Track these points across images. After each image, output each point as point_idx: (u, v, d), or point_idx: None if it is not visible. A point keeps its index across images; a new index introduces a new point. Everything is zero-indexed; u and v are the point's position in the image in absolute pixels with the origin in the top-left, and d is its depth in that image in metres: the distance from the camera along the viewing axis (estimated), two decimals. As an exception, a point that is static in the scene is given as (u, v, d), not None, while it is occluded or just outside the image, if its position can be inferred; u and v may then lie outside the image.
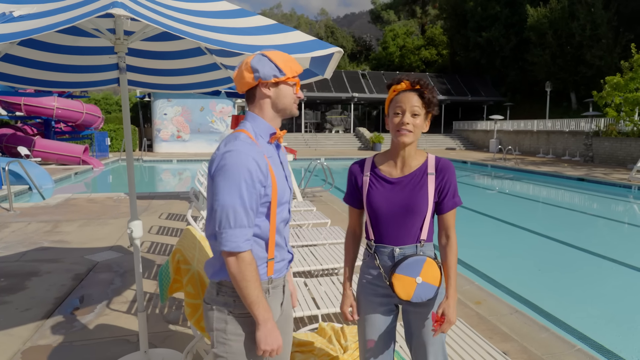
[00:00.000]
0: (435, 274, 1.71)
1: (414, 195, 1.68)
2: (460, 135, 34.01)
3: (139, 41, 3.17)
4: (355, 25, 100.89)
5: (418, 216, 1.68)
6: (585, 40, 27.69)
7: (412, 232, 1.70)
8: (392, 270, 1.69)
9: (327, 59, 2.27)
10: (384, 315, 1.78)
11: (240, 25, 2.09)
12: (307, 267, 3.90)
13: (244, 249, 1.39)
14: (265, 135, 1.52)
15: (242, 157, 1.37)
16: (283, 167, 1.58)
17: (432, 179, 1.69)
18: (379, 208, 1.71)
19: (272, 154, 1.52)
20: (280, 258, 1.56)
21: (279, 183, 1.49)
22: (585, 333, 3.97)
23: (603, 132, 20.30)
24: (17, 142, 15.87)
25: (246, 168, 1.37)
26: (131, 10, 1.37)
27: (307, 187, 10.74)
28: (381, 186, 1.73)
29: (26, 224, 6.99)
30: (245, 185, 1.37)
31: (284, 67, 1.48)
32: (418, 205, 1.67)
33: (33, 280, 4.46)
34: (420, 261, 1.69)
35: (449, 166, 1.72)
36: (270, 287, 1.54)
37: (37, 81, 3.07)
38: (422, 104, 1.65)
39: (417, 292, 1.69)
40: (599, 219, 9.15)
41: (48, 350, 3.07)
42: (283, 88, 1.51)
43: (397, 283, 1.68)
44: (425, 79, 1.68)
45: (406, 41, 44.70)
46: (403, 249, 1.71)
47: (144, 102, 29.50)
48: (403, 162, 1.73)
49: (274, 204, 1.47)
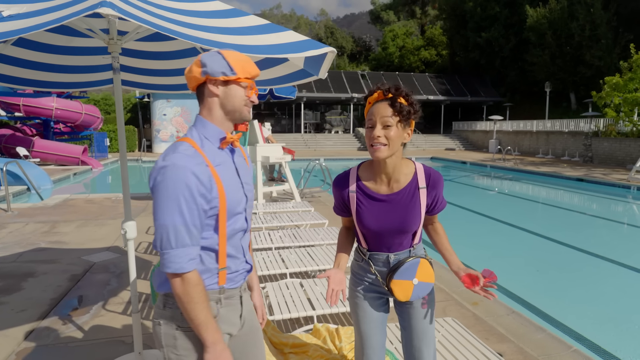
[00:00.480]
0: (429, 272, 1.75)
1: (407, 213, 1.66)
2: (459, 135, 34.01)
3: (135, 41, 3.16)
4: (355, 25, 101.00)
5: (411, 230, 1.70)
6: (584, 40, 27.70)
7: (405, 242, 1.73)
8: (390, 276, 1.71)
9: (321, 59, 2.26)
10: (378, 309, 1.82)
11: (233, 25, 2.09)
12: (304, 268, 3.89)
13: (188, 269, 1.31)
14: (214, 141, 1.42)
15: (179, 172, 1.28)
16: (239, 174, 1.48)
17: (424, 192, 1.67)
18: (370, 227, 1.69)
19: (222, 161, 1.42)
20: (234, 269, 1.48)
21: (229, 193, 1.40)
22: (582, 334, 3.96)
23: (602, 132, 20.29)
24: (16, 142, 15.86)
25: (184, 183, 1.28)
26: (119, 10, 1.37)
27: (305, 188, 10.73)
28: (369, 205, 1.68)
29: (24, 224, 6.98)
30: (185, 202, 1.28)
31: (235, 66, 1.39)
32: (411, 223, 1.67)
33: (29, 281, 4.45)
34: (415, 264, 1.71)
35: (439, 179, 1.70)
36: (222, 297, 1.46)
37: (32, 81, 3.06)
38: (394, 112, 1.55)
39: (415, 292, 1.72)
40: (597, 219, 9.14)
41: (42, 352, 3.06)
42: (233, 88, 1.41)
43: (396, 288, 1.70)
44: (403, 87, 1.59)
45: (406, 42, 44.73)
46: (398, 254, 1.74)
47: (143, 103, 29.50)
48: (390, 177, 1.66)
49: (222, 215, 1.38)
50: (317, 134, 33.88)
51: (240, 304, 1.54)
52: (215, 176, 1.36)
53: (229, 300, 1.49)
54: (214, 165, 1.38)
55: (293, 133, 34.07)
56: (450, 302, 3.96)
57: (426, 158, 24.71)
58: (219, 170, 1.39)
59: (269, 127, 11.43)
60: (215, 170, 1.37)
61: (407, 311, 1.81)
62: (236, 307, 1.53)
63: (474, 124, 32.22)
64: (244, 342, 1.60)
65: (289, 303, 3.12)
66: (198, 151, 1.35)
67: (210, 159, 1.37)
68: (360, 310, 1.81)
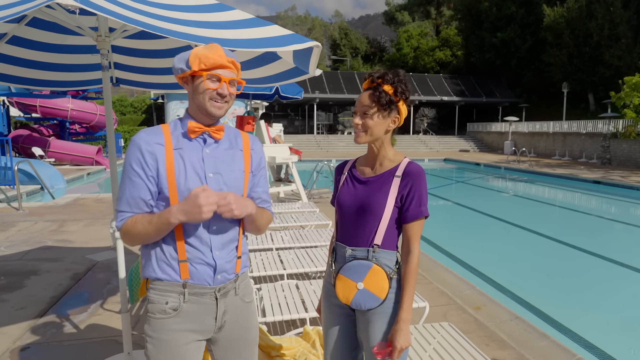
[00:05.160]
0: (381, 285, 1.56)
1: (374, 194, 1.60)
2: (474, 137, 33.56)
3: (130, 39, 3.15)
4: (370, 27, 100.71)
5: (373, 217, 1.58)
6: (603, 40, 27.06)
7: (365, 234, 1.60)
8: (337, 270, 1.62)
9: (308, 55, 2.20)
10: (341, 319, 1.70)
11: (217, 20, 2.04)
12: (302, 269, 3.83)
13: (119, 226, 1.44)
14: (185, 129, 1.46)
15: (130, 145, 1.41)
16: (204, 163, 1.45)
17: (397, 181, 1.59)
18: (342, 205, 1.66)
19: (184, 146, 1.44)
20: (198, 260, 1.44)
21: (180, 178, 1.41)
22: (592, 342, 3.81)
23: (621, 133, 19.76)
24: (33, 143, 16.18)
25: (130, 153, 1.41)
26: (82, 1, 1.33)
27: (314, 189, 10.68)
28: (352, 185, 1.69)
29: (33, 223, 7.07)
30: (127, 171, 1.41)
31: (192, 60, 1.37)
32: (374, 206, 1.58)
33: (32, 279, 4.48)
34: (366, 266, 1.57)
35: (417, 172, 1.58)
36: (186, 292, 1.44)
37: (27, 80, 3.07)
38: (372, 102, 1.56)
39: (356, 298, 1.58)
40: (615, 223, 8.87)
41: (36, 350, 3.06)
42: (197, 84, 1.41)
43: (339, 284, 1.61)
44: (396, 72, 1.57)
45: (420, 42, 44.36)
46: (355, 250, 1.61)
47: (157, 104, 29.86)
48: (376, 162, 1.67)
49: (173, 200, 1.40)
50: (330, 135, 33.82)
51: (215, 306, 1.50)
52: (167, 156, 1.41)
53: (197, 297, 1.46)
54: (174, 148, 1.43)
55: (306, 134, 34.06)
56: (451, 307, 3.85)
57: (439, 159, 24.42)
58: (176, 153, 1.43)
59: (280, 129, 11.42)
60: (172, 153, 1.42)
61: (362, 325, 1.64)
62: (208, 308, 1.49)
63: (488, 125, 31.75)
64: (226, 347, 1.57)
65: (282, 305, 3.06)
66: (163, 132, 1.44)
67: (173, 143, 1.44)
68: (324, 316, 1.75)
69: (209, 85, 1.39)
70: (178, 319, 1.44)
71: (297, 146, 25.23)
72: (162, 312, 1.44)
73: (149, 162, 1.39)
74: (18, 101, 16.43)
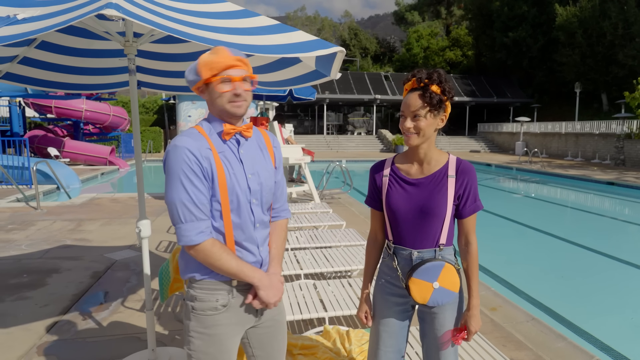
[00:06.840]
0: (454, 280, 1.66)
1: (433, 197, 1.62)
2: (485, 137, 33.35)
3: (153, 44, 3.22)
4: (380, 27, 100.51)
5: (437, 219, 1.63)
6: (617, 39, 26.72)
7: (430, 236, 1.65)
8: (409, 274, 1.65)
9: (331, 59, 2.25)
10: (399, 315, 1.76)
11: (243, 26, 2.09)
12: (319, 269, 3.88)
13: (197, 241, 1.40)
14: (218, 132, 1.50)
15: (178, 151, 1.39)
16: (243, 165, 1.50)
17: (452, 181, 1.63)
18: (397, 209, 1.67)
19: (225, 149, 1.48)
20: (249, 258, 1.52)
21: (230, 180, 1.45)
22: (608, 344, 3.81)
23: (635, 134, 19.52)
24: (48, 143, 16.46)
25: (183, 160, 1.38)
26: (124, 11, 1.39)
27: (325, 189, 10.72)
28: (400, 187, 1.69)
29: (51, 222, 7.21)
30: (186, 178, 1.38)
31: (200, 69, 1.42)
32: (437, 208, 1.62)
33: (53, 277, 4.59)
34: (439, 266, 1.64)
35: (469, 169, 1.65)
36: (234, 288, 1.51)
37: (53, 83, 3.16)
38: (423, 103, 1.58)
39: (433, 297, 1.65)
40: (629, 224, 8.78)
41: (62, 346, 3.15)
42: (212, 90, 1.44)
43: (414, 287, 1.64)
44: (439, 73, 1.59)
45: (430, 42, 44.17)
46: (421, 252, 1.67)
47: (169, 105, 30.12)
48: (422, 162, 1.68)
49: (224, 201, 1.43)
50: (340, 135, 33.84)
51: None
52: (217, 160, 1.43)
53: (243, 292, 1.53)
54: (218, 151, 1.46)
55: (316, 134, 34.13)
56: (467, 307, 3.87)
57: (450, 160, 24.27)
58: (222, 157, 1.45)
59: (291, 129, 11.47)
60: (219, 156, 1.45)
61: (429, 317, 1.73)
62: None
63: (500, 126, 31.53)
64: (262, 334, 1.64)
65: (301, 304, 3.11)
66: (203, 135, 1.45)
67: (215, 146, 1.47)
68: (379, 312, 1.79)
69: (223, 88, 1.42)
70: (228, 314, 1.51)
71: (307, 147, 25.27)
72: (214, 309, 1.49)
73: (205, 167, 1.41)
74: (34, 102, 16.72)
